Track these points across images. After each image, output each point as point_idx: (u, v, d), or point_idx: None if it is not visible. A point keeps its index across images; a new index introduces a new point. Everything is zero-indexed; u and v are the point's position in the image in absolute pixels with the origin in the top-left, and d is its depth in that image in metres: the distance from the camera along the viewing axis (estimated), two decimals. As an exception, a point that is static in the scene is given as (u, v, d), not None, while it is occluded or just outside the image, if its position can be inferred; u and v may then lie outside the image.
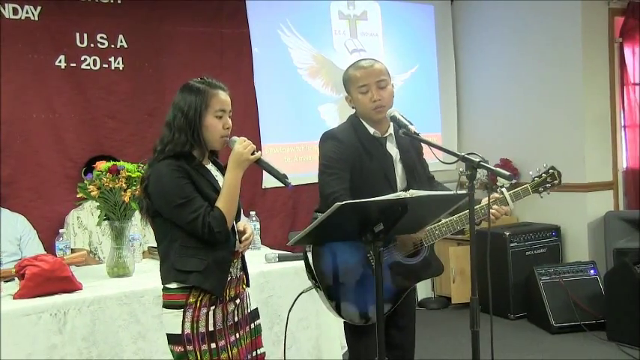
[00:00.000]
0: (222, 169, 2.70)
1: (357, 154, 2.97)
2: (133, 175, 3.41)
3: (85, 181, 3.44)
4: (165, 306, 2.58)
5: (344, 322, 3.07)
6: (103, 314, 3.09)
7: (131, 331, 3.15)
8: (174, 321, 2.53)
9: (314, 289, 2.94)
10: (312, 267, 2.87)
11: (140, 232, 4.37)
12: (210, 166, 2.70)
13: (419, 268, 3.02)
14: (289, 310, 2.97)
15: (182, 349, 2.53)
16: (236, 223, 2.71)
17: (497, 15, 6.53)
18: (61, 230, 3.80)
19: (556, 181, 3.04)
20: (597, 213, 5.92)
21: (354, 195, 2.84)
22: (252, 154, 2.61)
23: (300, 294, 3.02)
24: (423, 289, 6.41)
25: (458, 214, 2.91)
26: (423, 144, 3.07)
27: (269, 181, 5.49)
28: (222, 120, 2.62)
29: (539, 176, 3.05)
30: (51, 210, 4.74)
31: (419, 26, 6.74)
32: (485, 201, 2.87)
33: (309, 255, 2.88)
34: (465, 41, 6.91)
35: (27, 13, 4.71)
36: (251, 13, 5.67)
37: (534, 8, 6.16)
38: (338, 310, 2.91)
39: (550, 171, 3.05)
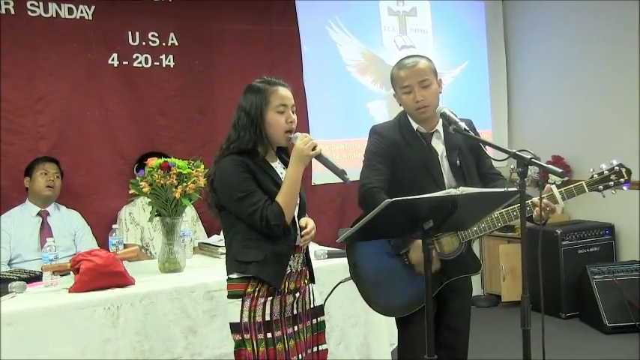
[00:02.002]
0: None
1: (396, 147, 2.97)
2: (184, 172, 3.45)
3: (137, 178, 3.49)
4: (229, 296, 2.66)
5: (395, 317, 3.10)
6: (154, 309, 3.14)
7: (182, 326, 3.20)
8: (234, 310, 2.62)
9: (352, 280, 2.98)
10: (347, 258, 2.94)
11: (191, 228, 4.42)
12: (277, 164, 2.76)
13: (454, 265, 2.97)
14: (326, 298, 3.04)
15: (240, 337, 2.62)
16: (300, 218, 2.75)
17: (549, 13, 6.41)
18: (113, 226, 3.85)
19: (622, 179, 2.78)
20: (653, 211, 5.77)
21: (396, 188, 2.84)
22: (313, 149, 2.66)
23: (339, 284, 3.13)
24: (473, 287, 6.33)
25: (499, 211, 2.82)
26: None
27: (318, 178, 5.50)
28: (284, 115, 2.69)
29: (601, 173, 2.80)
30: (104, 206, 4.83)
31: (469, 23, 6.66)
32: (535, 199, 2.80)
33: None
34: (516, 38, 6.80)
35: (82, 12, 4.80)
36: (300, 11, 5.69)
37: (588, 7, 6.03)
38: (368, 302, 2.96)
39: (616, 168, 2.78)
